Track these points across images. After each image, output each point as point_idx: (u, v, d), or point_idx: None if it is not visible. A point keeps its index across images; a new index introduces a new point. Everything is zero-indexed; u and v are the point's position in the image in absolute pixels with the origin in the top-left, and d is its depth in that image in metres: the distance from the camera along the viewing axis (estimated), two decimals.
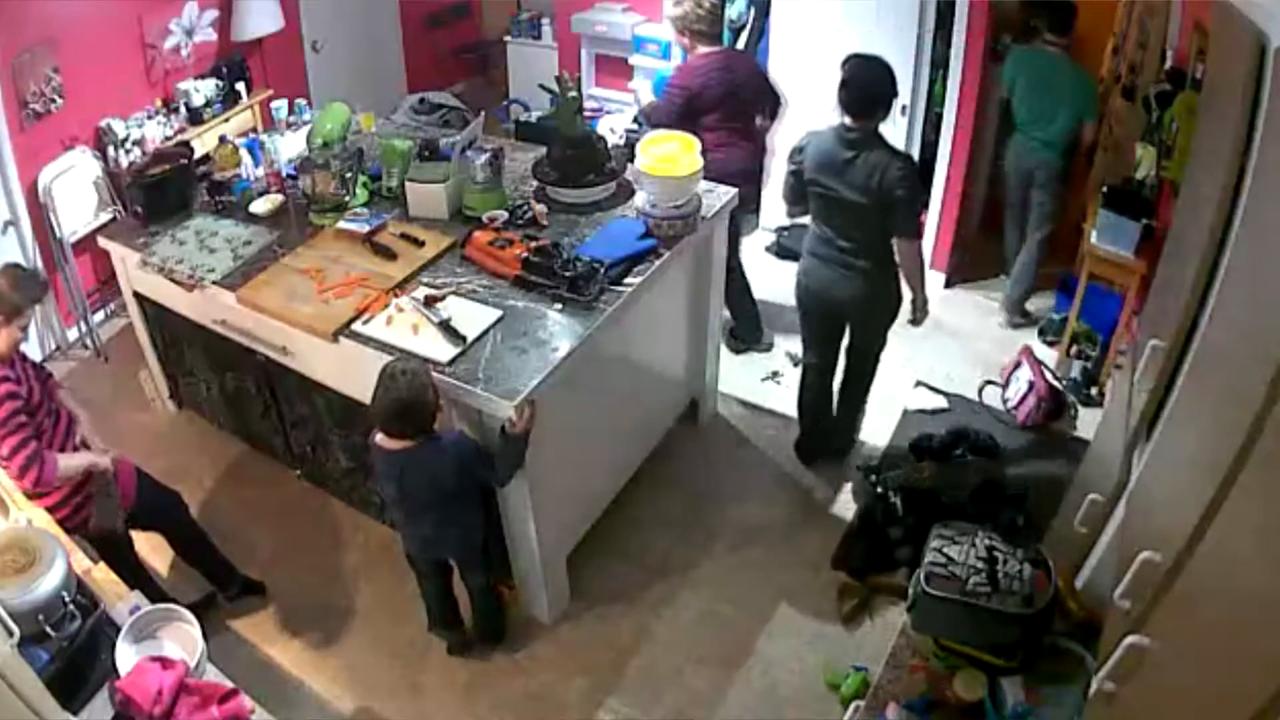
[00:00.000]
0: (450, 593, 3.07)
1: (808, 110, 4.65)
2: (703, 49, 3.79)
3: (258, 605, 3.29)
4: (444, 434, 2.64)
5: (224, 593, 3.23)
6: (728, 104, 3.77)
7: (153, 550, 3.23)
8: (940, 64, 4.35)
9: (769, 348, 4.41)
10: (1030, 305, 4.60)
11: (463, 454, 2.62)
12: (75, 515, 2.71)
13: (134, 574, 2.83)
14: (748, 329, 4.38)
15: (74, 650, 2.07)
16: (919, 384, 4.16)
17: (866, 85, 3.00)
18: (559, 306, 2.93)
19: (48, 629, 2.04)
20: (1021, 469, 3.67)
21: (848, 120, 3.02)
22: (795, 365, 4.31)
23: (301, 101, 4.18)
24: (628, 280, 3.03)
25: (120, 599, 2.33)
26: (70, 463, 2.65)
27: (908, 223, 3.10)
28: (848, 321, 3.43)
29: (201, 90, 4.73)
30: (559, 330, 2.85)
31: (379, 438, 2.61)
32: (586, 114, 5.09)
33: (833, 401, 3.72)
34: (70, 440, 2.76)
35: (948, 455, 3.74)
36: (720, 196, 3.46)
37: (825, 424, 3.75)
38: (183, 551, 3.19)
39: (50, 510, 2.62)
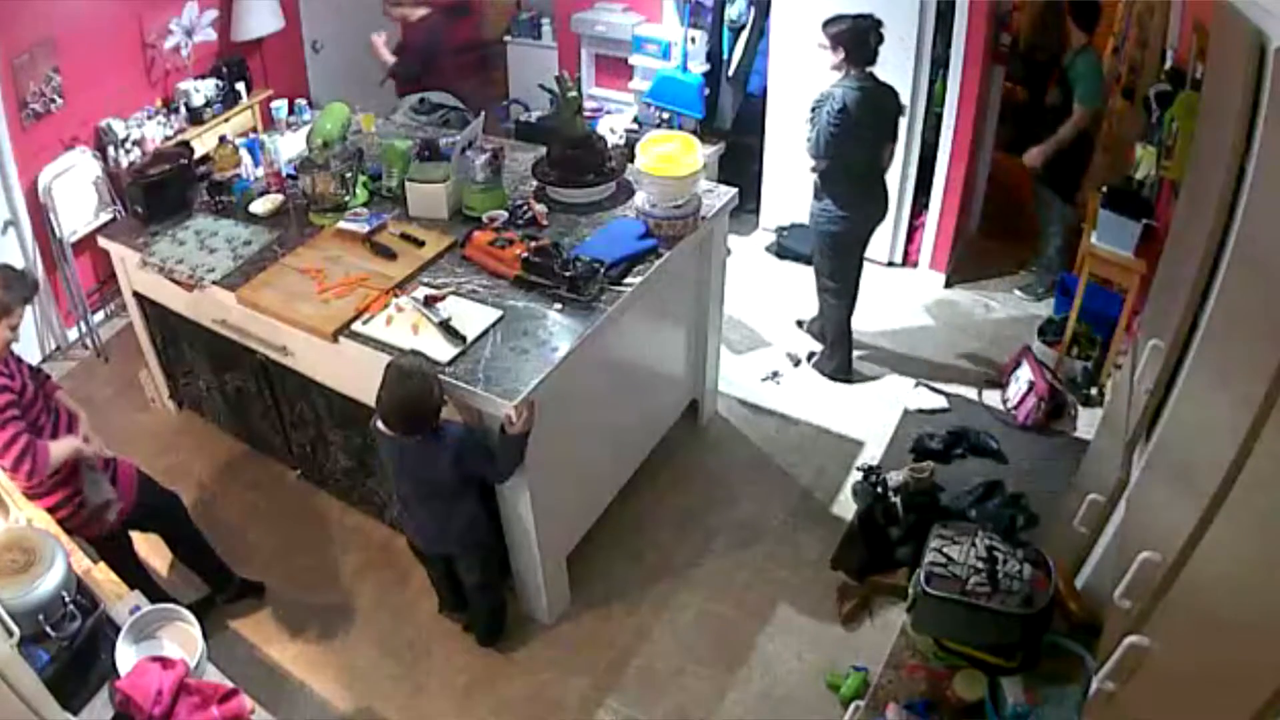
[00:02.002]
0: (457, 579, 3.07)
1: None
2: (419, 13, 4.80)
3: (258, 605, 3.29)
4: (448, 426, 2.63)
5: (220, 595, 3.23)
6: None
7: (152, 550, 3.23)
8: (940, 64, 4.35)
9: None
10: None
11: (462, 448, 2.62)
12: (75, 515, 2.71)
13: (134, 574, 2.83)
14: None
15: (74, 650, 2.06)
16: (919, 384, 4.16)
17: (880, 37, 3.57)
18: (559, 306, 2.93)
19: (48, 629, 2.04)
20: (1021, 469, 3.67)
21: (856, 70, 3.57)
22: (795, 365, 4.31)
23: (301, 101, 4.19)
24: (628, 280, 3.03)
25: (120, 599, 2.33)
26: (58, 449, 2.61)
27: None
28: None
29: (201, 90, 4.73)
30: (559, 330, 2.85)
31: (380, 424, 2.61)
32: (586, 114, 5.11)
33: None
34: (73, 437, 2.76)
35: (948, 455, 3.74)
36: (720, 196, 3.46)
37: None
38: (180, 553, 3.19)
39: (50, 510, 2.62)
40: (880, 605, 3.21)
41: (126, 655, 2.11)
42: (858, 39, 3.52)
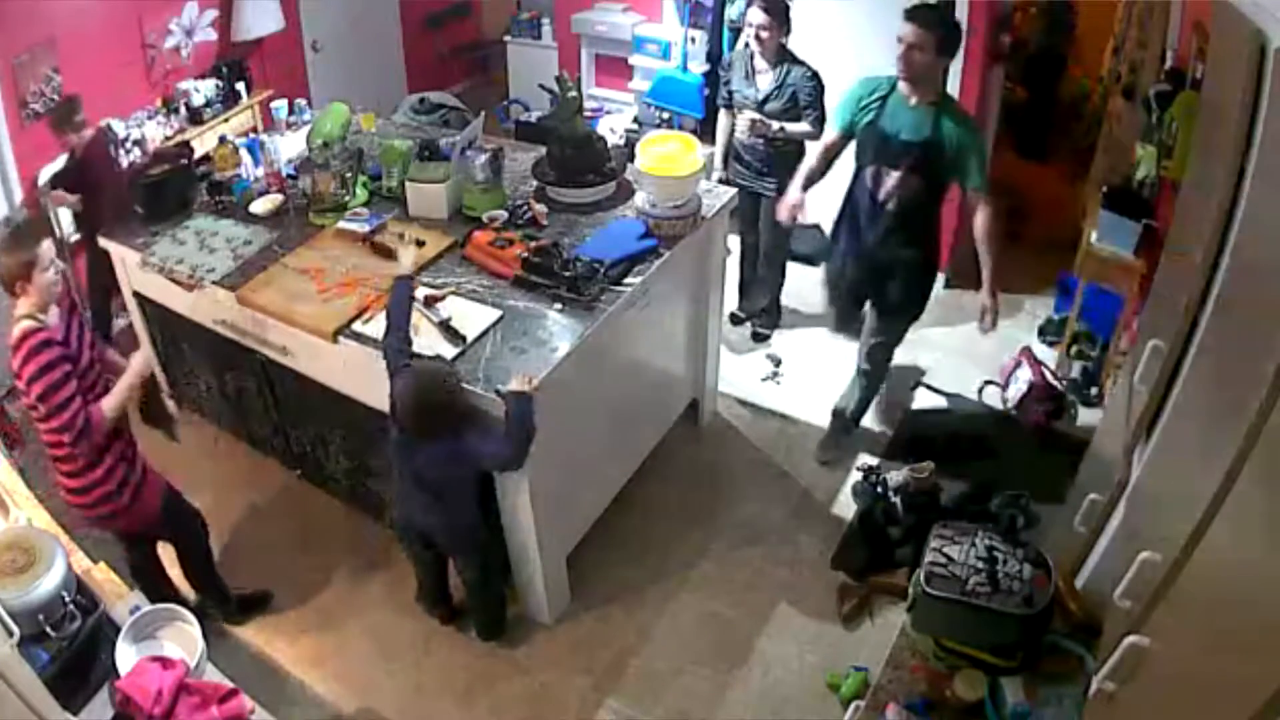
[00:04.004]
0: (438, 570, 3.08)
1: None
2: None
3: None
4: (465, 432, 2.59)
5: (215, 611, 3.16)
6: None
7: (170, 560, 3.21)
8: None
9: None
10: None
11: (473, 447, 2.61)
12: (108, 502, 2.64)
13: (155, 579, 2.86)
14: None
15: (74, 650, 2.07)
16: (919, 384, 4.16)
17: None
18: (559, 306, 2.93)
19: (48, 629, 2.04)
20: (1021, 469, 3.67)
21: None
22: (778, 366, 4.33)
23: (301, 101, 4.19)
24: (628, 280, 3.03)
25: (120, 599, 2.33)
26: (111, 403, 2.53)
27: None
28: None
29: (201, 90, 4.74)
30: (559, 330, 2.85)
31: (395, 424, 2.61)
32: (586, 114, 5.13)
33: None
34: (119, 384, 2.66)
35: (948, 455, 3.74)
36: (720, 196, 3.46)
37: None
38: (187, 567, 3.12)
39: (85, 490, 2.58)
40: (880, 605, 3.21)
41: (126, 655, 2.11)
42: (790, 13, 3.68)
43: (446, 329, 2.83)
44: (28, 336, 2.40)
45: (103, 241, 3.62)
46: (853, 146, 3.25)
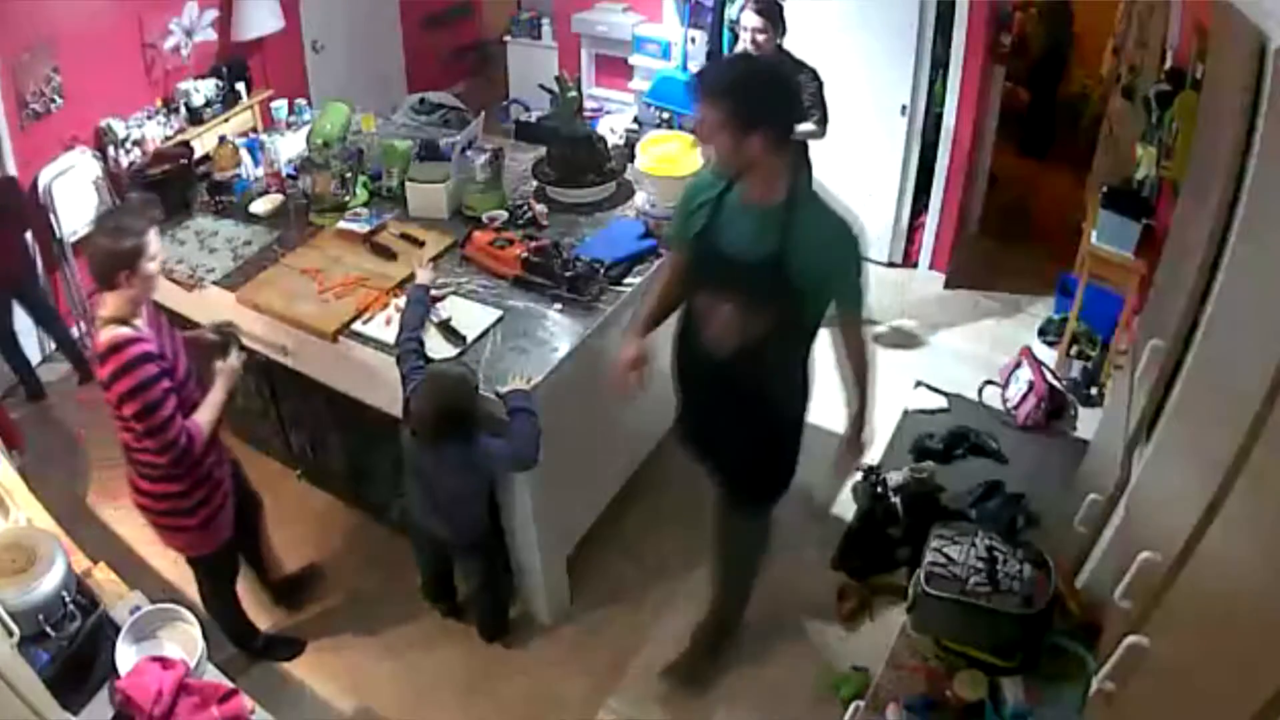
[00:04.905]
0: (444, 565, 3.08)
1: None
2: None
3: (256, 606, 3.29)
4: (480, 437, 2.57)
5: (238, 646, 3.05)
6: None
7: (174, 562, 3.22)
8: (940, 64, 4.35)
9: None
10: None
11: (485, 456, 2.60)
12: (180, 516, 2.56)
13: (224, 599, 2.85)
14: None
15: (74, 650, 2.06)
16: (919, 384, 4.16)
17: None
18: (559, 306, 2.93)
19: (48, 629, 2.04)
20: (1021, 469, 3.67)
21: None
22: None
23: (301, 101, 4.19)
24: (628, 280, 3.03)
25: (120, 599, 2.33)
26: (204, 419, 2.42)
27: None
28: None
29: (201, 90, 4.73)
30: (559, 330, 2.85)
31: (409, 429, 2.61)
32: (586, 114, 5.13)
33: None
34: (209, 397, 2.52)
35: (948, 455, 3.74)
36: None
37: None
38: (204, 595, 2.98)
39: (158, 498, 2.51)
40: (880, 605, 3.21)
41: (126, 655, 2.11)
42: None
43: (446, 329, 2.83)
44: (122, 347, 2.19)
45: None
46: None
